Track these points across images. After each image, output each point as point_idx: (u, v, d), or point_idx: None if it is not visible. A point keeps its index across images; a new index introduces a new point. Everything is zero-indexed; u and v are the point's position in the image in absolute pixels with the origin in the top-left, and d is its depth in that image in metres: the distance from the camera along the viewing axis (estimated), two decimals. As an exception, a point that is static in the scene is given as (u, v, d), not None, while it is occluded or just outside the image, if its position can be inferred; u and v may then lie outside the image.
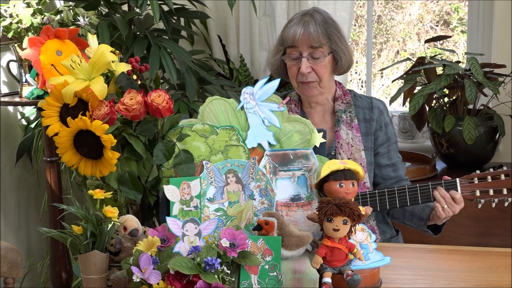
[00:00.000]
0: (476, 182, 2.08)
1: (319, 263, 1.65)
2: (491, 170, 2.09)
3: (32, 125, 2.92)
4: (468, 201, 2.10)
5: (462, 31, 5.01)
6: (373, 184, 2.34)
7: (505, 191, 2.05)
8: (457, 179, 2.10)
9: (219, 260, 1.52)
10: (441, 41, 4.77)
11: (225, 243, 1.56)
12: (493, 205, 2.09)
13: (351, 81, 5.05)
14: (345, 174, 1.76)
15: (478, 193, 2.07)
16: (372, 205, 2.10)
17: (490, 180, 2.06)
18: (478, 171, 2.11)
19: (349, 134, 2.29)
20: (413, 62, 3.16)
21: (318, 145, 1.91)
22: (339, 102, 2.34)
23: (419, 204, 2.13)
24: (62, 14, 2.03)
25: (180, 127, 1.89)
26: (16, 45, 2.02)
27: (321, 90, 2.30)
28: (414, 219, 2.26)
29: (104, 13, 2.84)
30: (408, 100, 3.10)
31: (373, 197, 2.11)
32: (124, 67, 1.90)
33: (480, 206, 2.10)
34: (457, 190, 2.08)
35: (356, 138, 2.29)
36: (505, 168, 2.09)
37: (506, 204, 2.08)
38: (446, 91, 3.04)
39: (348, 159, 2.25)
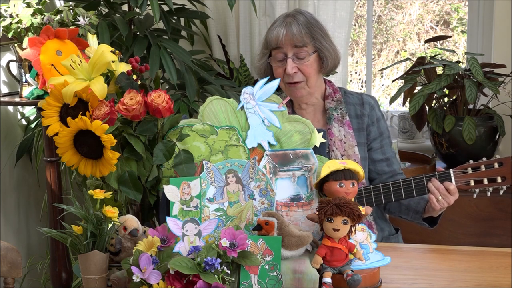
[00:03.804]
0: (470, 172, 2.08)
1: (319, 263, 1.65)
2: (484, 159, 2.10)
3: (32, 125, 2.92)
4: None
5: (462, 31, 5.01)
6: (368, 179, 2.35)
7: (499, 180, 2.05)
8: (451, 170, 2.10)
9: (219, 260, 1.52)
10: (441, 41, 4.77)
11: (225, 243, 1.56)
12: (488, 194, 2.09)
13: (351, 81, 5.05)
14: (345, 174, 1.76)
15: (472, 183, 2.08)
16: (368, 200, 2.11)
17: (483, 170, 2.07)
18: (471, 161, 2.11)
19: (341, 131, 2.30)
20: (413, 62, 3.16)
21: (318, 145, 1.91)
22: (329, 100, 2.35)
23: (414, 197, 2.13)
24: (62, 14, 2.03)
25: (180, 127, 1.89)
26: (16, 45, 2.02)
27: (309, 90, 2.30)
28: (410, 212, 2.27)
29: (104, 13, 2.84)
30: (408, 100, 3.10)
31: (368, 193, 2.12)
32: (124, 67, 1.90)
33: (475, 196, 2.10)
34: (451, 181, 2.09)
35: (348, 135, 2.30)
36: (497, 156, 2.10)
37: (501, 192, 2.08)
38: (446, 91, 3.04)
39: (342, 155, 2.26)
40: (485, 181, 2.06)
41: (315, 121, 2.35)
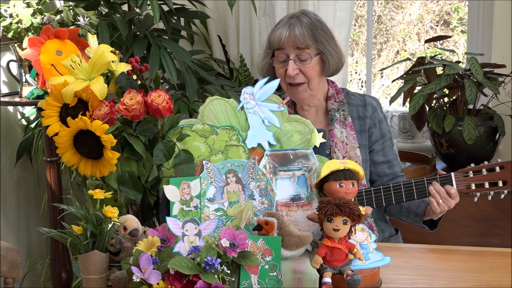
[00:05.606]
0: (471, 175, 2.08)
1: (319, 263, 1.65)
2: (486, 163, 2.10)
3: (32, 125, 2.92)
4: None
5: (462, 31, 5.01)
6: (369, 181, 2.34)
7: (500, 184, 2.05)
8: (452, 173, 2.10)
9: (219, 260, 1.52)
10: (441, 41, 4.77)
11: (225, 243, 1.56)
12: (489, 197, 2.09)
13: (351, 81, 5.05)
14: (345, 174, 1.76)
15: (473, 187, 2.08)
16: (368, 202, 2.11)
17: (485, 173, 2.07)
18: (472, 164, 2.11)
19: (343, 132, 2.30)
20: (413, 62, 3.16)
21: (318, 145, 1.91)
22: (331, 101, 2.34)
23: (415, 199, 2.13)
24: (62, 14, 2.03)
25: (180, 127, 1.89)
26: (16, 45, 2.02)
27: (311, 93, 2.30)
28: (410, 215, 2.26)
29: (104, 13, 2.84)
30: (408, 100, 3.10)
31: (369, 195, 2.12)
32: (124, 67, 1.90)
33: (476, 199, 2.10)
34: (452, 185, 2.08)
35: (350, 136, 2.29)
36: (499, 160, 2.09)
37: (502, 196, 2.08)
38: (446, 91, 3.04)
39: (343, 157, 2.26)
40: (486, 185, 2.06)
41: (317, 122, 2.35)
